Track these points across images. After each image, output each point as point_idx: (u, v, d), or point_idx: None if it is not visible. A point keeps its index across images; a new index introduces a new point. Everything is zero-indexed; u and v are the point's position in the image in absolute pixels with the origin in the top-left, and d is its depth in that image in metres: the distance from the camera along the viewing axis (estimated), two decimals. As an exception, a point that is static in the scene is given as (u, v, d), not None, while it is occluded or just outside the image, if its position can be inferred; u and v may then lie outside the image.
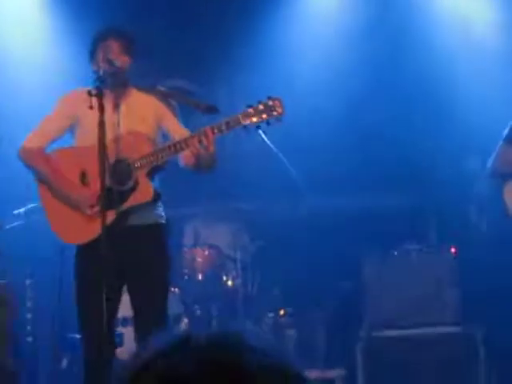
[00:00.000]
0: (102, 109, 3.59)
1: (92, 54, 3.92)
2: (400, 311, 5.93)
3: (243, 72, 7.05)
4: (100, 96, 3.59)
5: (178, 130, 3.89)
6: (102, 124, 3.55)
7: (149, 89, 4.00)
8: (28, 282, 6.07)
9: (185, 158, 3.90)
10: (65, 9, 6.72)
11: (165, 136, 3.95)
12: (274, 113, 3.68)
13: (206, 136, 3.62)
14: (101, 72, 3.80)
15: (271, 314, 6.49)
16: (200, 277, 6.34)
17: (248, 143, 6.98)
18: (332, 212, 6.98)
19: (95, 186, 3.71)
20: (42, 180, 3.88)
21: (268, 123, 3.70)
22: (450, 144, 6.85)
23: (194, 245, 6.46)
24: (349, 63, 6.88)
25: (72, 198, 3.78)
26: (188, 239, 6.59)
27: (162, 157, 3.71)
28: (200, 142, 3.62)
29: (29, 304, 6.05)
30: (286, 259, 6.68)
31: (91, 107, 3.62)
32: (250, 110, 3.66)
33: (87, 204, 3.76)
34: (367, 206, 7.04)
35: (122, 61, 3.85)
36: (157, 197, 3.82)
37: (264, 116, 3.67)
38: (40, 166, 3.84)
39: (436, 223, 6.72)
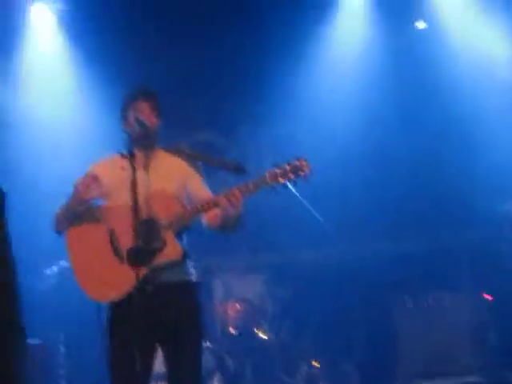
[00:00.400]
0: (133, 170, 3.61)
1: (123, 115, 3.96)
2: (434, 360, 5.86)
3: (268, 124, 7.13)
4: (132, 158, 3.63)
5: (201, 190, 3.93)
6: (134, 183, 3.58)
7: (175, 150, 4.05)
8: (62, 348, 6.06)
9: (209, 218, 3.93)
10: (92, 69, 6.87)
11: (189, 196, 3.98)
12: (301, 173, 3.71)
13: (235, 196, 3.66)
14: (132, 133, 3.86)
15: (304, 367, 6.43)
16: (232, 330, 6.33)
17: (275, 194, 7.00)
18: (363, 258, 6.96)
19: (123, 243, 3.74)
20: (70, 227, 3.86)
21: (295, 183, 3.73)
22: (484, 186, 6.83)
23: (226, 298, 6.47)
24: (376, 107, 6.93)
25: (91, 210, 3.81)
26: (219, 293, 6.59)
27: (191, 217, 3.76)
28: (229, 202, 3.67)
29: (61, 371, 6.03)
30: (316, 309, 6.65)
31: (123, 168, 3.67)
32: (277, 171, 3.69)
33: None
34: (399, 251, 7.01)
35: (151, 121, 3.90)
36: (185, 256, 3.83)
37: (291, 176, 3.71)
38: (60, 213, 3.85)
39: (469, 267, 6.66)
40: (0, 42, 6.68)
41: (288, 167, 3.70)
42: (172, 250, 3.75)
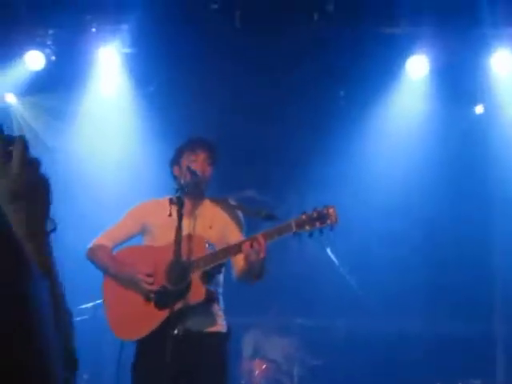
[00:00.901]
0: (180, 217, 3.68)
1: (176, 160, 4.03)
2: None
3: (316, 188, 7.14)
4: (180, 205, 3.70)
5: (239, 240, 3.92)
6: (179, 230, 3.63)
7: (220, 200, 4.09)
8: (85, 376, 6.09)
9: (236, 267, 3.92)
10: (152, 114, 7.04)
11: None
12: (328, 221, 3.62)
13: (258, 242, 3.63)
14: (183, 181, 3.91)
15: None
16: (256, 389, 6.27)
17: (313, 259, 7.01)
18: (395, 336, 6.85)
19: (157, 281, 3.78)
20: (105, 273, 3.96)
21: (321, 232, 3.64)
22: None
23: (253, 356, 6.42)
24: (424, 182, 6.91)
25: (129, 275, 3.83)
26: (247, 349, 6.55)
27: (216, 260, 3.74)
28: (252, 246, 3.63)
29: (83, 399, 6.05)
30: (344, 380, 6.54)
31: (170, 214, 3.72)
32: (304, 217, 3.63)
33: (143, 278, 3.79)
34: (433, 333, 6.89)
35: (206, 172, 3.96)
36: (209, 299, 3.80)
37: (317, 224, 3.63)
38: (103, 259, 3.94)
39: (504, 357, 6.50)
40: (66, 82, 6.88)
41: (315, 214, 3.64)
42: (196, 290, 3.72)
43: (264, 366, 6.33)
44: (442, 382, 6.11)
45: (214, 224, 3.97)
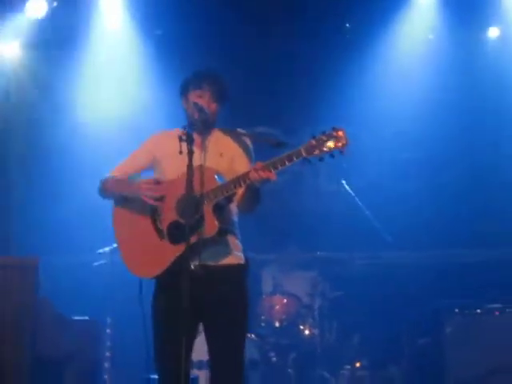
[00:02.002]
0: (191, 154, 3.63)
1: (184, 93, 3.97)
2: (482, 373, 5.75)
3: (327, 120, 7.07)
4: (190, 142, 3.64)
5: (247, 169, 3.86)
6: (190, 167, 3.59)
7: (229, 130, 4.02)
8: (109, 320, 6.18)
9: (237, 201, 3.87)
10: (155, 50, 6.96)
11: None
12: (339, 144, 3.51)
13: (269, 169, 3.56)
14: (190, 115, 3.87)
15: (348, 366, 6.39)
16: (277, 324, 6.33)
17: (332, 192, 7.01)
18: (414, 265, 6.88)
19: (166, 219, 3.77)
20: (115, 201, 3.94)
21: (332, 156, 3.53)
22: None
23: (273, 292, 6.47)
24: (435, 114, 6.84)
25: (133, 188, 3.82)
26: (267, 286, 6.61)
27: (227, 191, 3.68)
28: (258, 175, 3.56)
29: (108, 342, 6.15)
30: (363, 310, 6.61)
31: (181, 152, 3.64)
32: (313, 142, 3.52)
33: (142, 187, 3.77)
34: (452, 261, 6.92)
35: (212, 108, 3.90)
36: (223, 231, 3.76)
37: (327, 148, 3.52)
38: (109, 185, 3.93)
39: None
40: (68, 31, 6.81)
41: (325, 138, 3.53)
42: (209, 224, 3.68)
43: (284, 301, 6.39)
44: (462, 308, 6.12)
45: (224, 152, 3.94)
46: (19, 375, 4.76)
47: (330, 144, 3.52)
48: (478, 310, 6.00)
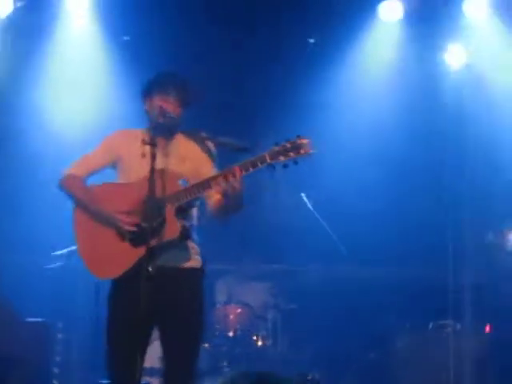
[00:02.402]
0: (154, 157, 3.59)
1: (147, 95, 3.94)
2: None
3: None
4: (154, 145, 3.60)
5: (212, 173, 3.87)
6: (152, 172, 3.55)
7: (191, 133, 4.01)
8: (60, 324, 6.10)
9: (211, 203, 3.87)
10: (123, 52, 6.96)
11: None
12: (302, 151, 3.55)
13: (233, 174, 3.58)
14: (154, 119, 3.81)
15: (298, 378, 6.41)
16: (231, 334, 6.33)
17: (292, 206, 7.05)
18: (368, 280, 6.96)
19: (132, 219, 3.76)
20: (78, 205, 3.89)
21: (295, 162, 3.57)
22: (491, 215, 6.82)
23: (228, 302, 6.48)
24: (394, 130, 6.93)
25: (106, 215, 3.79)
26: (221, 296, 6.62)
27: (190, 195, 3.69)
28: (227, 180, 3.59)
29: (59, 347, 6.07)
30: (316, 323, 6.66)
31: (143, 155, 3.63)
32: (276, 149, 3.56)
33: (122, 219, 3.75)
34: (404, 278, 7.00)
35: (177, 112, 3.88)
36: (184, 235, 3.76)
37: (291, 154, 3.55)
38: (76, 190, 3.89)
39: (471, 300, 6.63)
40: (35, 27, 6.76)
41: (289, 145, 3.57)
42: (171, 227, 3.68)
43: (239, 311, 6.40)
44: (413, 324, 6.21)
45: (188, 157, 3.93)
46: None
47: (295, 151, 3.55)
48: (430, 325, 6.08)
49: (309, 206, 6.66)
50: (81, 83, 6.97)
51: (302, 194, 6.74)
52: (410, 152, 6.98)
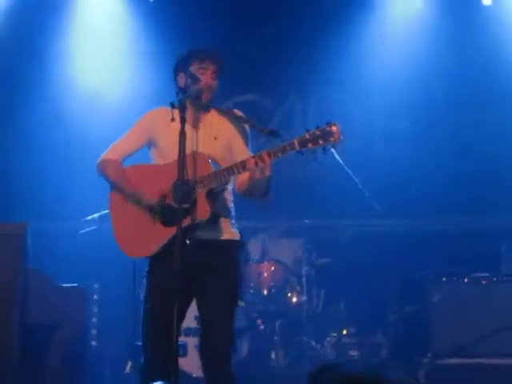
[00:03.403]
0: (183, 121, 3.61)
1: (182, 67, 3.93)
2: (468, 340, 5.80)
3: (315, 89, 7.06)
4: (182, 109, 3.62)
5: (244, 154, 3.88)
6: (183, 135, 3.59)
7: (226, 111, 4.03)
8: (96, 285, 6.16)
9: (239, 183, 3.94)
10: (149, 31, 6.89)
11: (233, 158, 3.95)
12: (331, 139, 3.57)
13: (263, 160, 3.62)
14: (188, 91, 3.81)
15: (334, 334, 6.44)
16: (265, 292, 6.35)
17: (319, 162, 6.98)
18: (402, 233, 6.90)
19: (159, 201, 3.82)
20: (114, 189, 3.97)
21: (324, 149, 3.61)
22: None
23: (261, 259, 6.47)
24: (431, 80, 6.80)
25: (138, 197, 3.86)
26: (255, 253, 6.61)
27: (221, 178, 3.73)
28: (256, 165, 3.62)
29: (95, 309, 6.14)
30: (351, 278, 6.64)
31: (173, 119, 3.68)
32: (307, 136, 3.59)
33: (151, 199, 3.82)
34: (439, 229, 6.94)
35: (213, 83, 3.91)
36: (215, 216, 3.82)
37: (320, 142, 3.57)
38: (112, 175, 3.95)
39: (508, 250, 6.56)
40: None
41: (318, 132, 3.59)
42: (202, 209, 3.74)
43: (272, 268, 6.40)
44: (450, 276, 6.16)
45: (220, 135, 3.94)
46: (8, 342, 4.75)
47: (324, 139, 3.56)
48: (466, 279, 6.03)
49: (340, 161, 6.58)
50: (103, 52, 6.93)
51: (333, 150, 6.65)
52: (446, 101, 6.87)
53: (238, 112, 4.02)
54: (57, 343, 5.11)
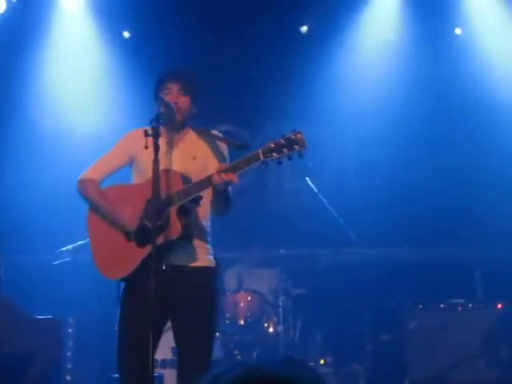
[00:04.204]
0: (156, 149, 3.63)
1: (156, 96, 3.95)
2: (444, 366, 5.80)
3: (291, 118, 7.11)
4: (156, 136, 3.63)
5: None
6: (156, 163, 3.60)
7: (202, 131, 4.00)
8: (71, 320, 6.09)
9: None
10: (127, 51, 6.94)
11: None
12: (296, 147, 3.51)
13: (227, 174, 3.56)
14: (158, 113, 3.77)
15: (311, 363, 6.40)
16: (242, 321, 6.32)
17: (296, 190, 7.02)
18: (377, 262, 6.92)
19: (137, 220, 3.79)
20: (92, 209, 3.95)
21: (290, 158, 3.54)
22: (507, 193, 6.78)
23: (238, 289, 6.45)
24: (399, 111, 6.87)
25: (113, 216, 3.84)
26: (231, 283, 6.59)
27: (190, 193, 3.69)
28: (221, 178, 3.57)
29: (70, 342, 6.06)
30: (327, 307, 6.63)
31: (146, 147, 3.66)
32: (271, 145, 3.53)
33: (124, 219, 3.80)
34: (412, 259, 6.97)
35: (181, 101, 3.88)
36: (185, 235, 3.75)
37: (285, 151, 3.51)
38: (91, 194, 3.93)
39: (483, 278, 6.59)
40: (28, 30, 6.73)
41: (282, 141, 3.53)
42: (172, 227, 3.69)
43: (249, 298, 6.37)
44: (425, 303, 6.17)
45: (198, 155, 3.93)
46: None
47: (289, 147, 3.52)
48: (441, 305, 6.05)
49: (314, 189, 6.62)
50: (79, 80, 6.94)
51: (307, 178, 6.70)
52: (417, 132, 6.94)
53: (214, 131, 4.02)
54: (31, 375, 5.02)
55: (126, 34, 7.08)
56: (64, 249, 5.87)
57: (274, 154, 3.54)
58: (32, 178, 6.75)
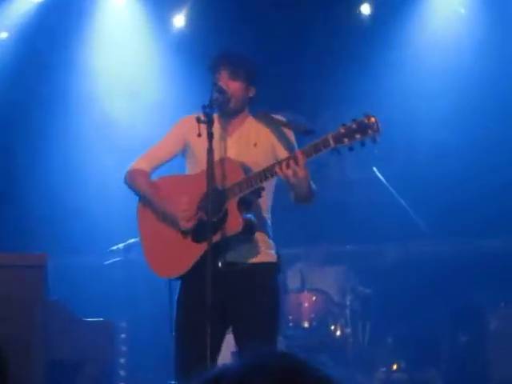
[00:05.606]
0: (210, 136, 3.43)
1: (212, 80, 3.72)
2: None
3: (351, 108, 6.67)
4: (209, 123, 3.43)
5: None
6: (210, 151, 3.41)
7: (264, 116, 3.75)
8: (123, 324, 5.79)
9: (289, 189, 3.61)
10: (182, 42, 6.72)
11: None
12: (369, 131, 3.24)
13: (295, 161, 3.31)
14: (211, 98, 3.56)
15: (383, 369, 5.96)
16: (306, 324, 5.89)
17: (361, 180, 6.62)
18: (452, 255, 6.40)
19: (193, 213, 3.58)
20: (143, 201, 3.75)
21: (362, 144, 3.27)
22: None
23: (301, 289, 6.03)
24: (473, 93, 6.37)
25: (167, 212, 3.63)
26: (293, 282, 6.15)
27: (252, 184, 3.45)
28: (288, 166, 3.31)
29: (124, 348, 5.77)
30: (399, 307, 6.17)
31: (199, 135, 3.43)
32: (342, 130, 3.26)
33: (185, 218, 3.56)
34: (495, 252, 6.42)
35: (232, 87, 3.63)
36: (248, 229, 3.50)
37: (357, 136, 3.25)
38: (141, 186, 3.72)
39: None
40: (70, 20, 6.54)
41: (355, 125, 3.26)
42: (232, 222, 3.46)
43: (314, 298, 5.93)
44: (508, 301, 5.71)
45: (260, 142, 3.66)
46: (31, 380, 4.41)
47: (361, 132, 3.25)
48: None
49: (383, 181, 6.16)
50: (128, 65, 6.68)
51: (374, 168, 6.25)
52: (493, 113, 6.43)
53: (276, 116, 3.74)
54: (83, 381, 4.75)
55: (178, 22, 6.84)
56: (114, 248, 5.61)
57: (346, 140, 3.27)
58: (79, 174, 6.50)
